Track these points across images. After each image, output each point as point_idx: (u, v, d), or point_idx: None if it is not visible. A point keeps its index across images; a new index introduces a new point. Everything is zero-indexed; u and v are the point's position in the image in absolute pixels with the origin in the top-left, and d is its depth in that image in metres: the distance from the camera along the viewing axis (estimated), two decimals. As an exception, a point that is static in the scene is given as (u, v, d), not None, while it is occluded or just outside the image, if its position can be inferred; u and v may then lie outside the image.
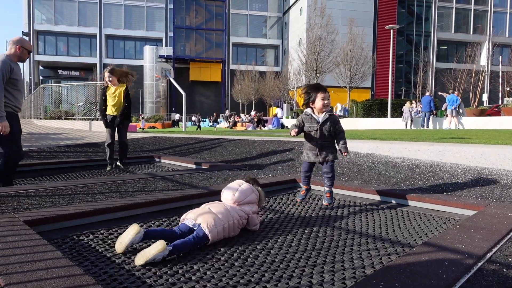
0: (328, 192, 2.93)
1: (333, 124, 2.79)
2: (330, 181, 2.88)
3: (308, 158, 2.86)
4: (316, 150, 2.79)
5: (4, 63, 3.76)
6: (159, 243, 1.81)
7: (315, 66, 29.56)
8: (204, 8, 47.47)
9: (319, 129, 2.75)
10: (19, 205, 2.79)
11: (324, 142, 2.79)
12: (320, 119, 2.77)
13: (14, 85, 3.92)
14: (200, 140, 8.45)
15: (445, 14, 46.98)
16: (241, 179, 2.63)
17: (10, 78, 3.84)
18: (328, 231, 2.44)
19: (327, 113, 2.78)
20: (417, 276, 1.52)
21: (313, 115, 2.80)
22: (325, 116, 2.77)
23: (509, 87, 25.38)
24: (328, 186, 2.91)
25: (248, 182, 2.59)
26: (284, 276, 1.71)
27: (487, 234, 2.09)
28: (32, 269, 1.54)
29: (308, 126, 2.79)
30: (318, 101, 2.75)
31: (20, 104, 4.07)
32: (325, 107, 2.74)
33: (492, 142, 5.79)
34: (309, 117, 2.81)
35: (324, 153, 2.79)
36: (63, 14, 46.76)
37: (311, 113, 2.81)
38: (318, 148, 2.79)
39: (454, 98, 14.76)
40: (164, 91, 46.50)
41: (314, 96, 2.80)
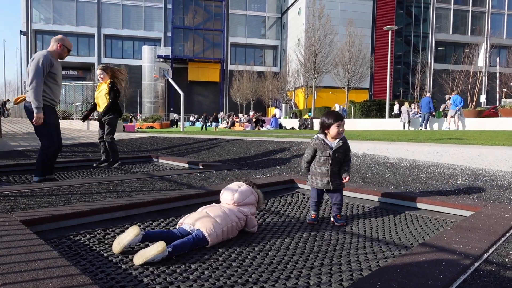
0: (338, 214, 2.75)
1: (344, 151, 2.74)
2: (340, 210, 2.75)
3: (319, 184, 2.74)
4: (328, 177, 2.70)
5: (46, 58, 4.08)
6: (159, 244, 1.81)
7: (314, 67, 29.60)
8: (202, 8, 47.48)
9: (331, 155, 2.68)
10: (16, 204, 2.78)
11: (335, 169, 2.72)
12: (333, 145, 2.70)
13: (53, 79, 4.20)
14: (198, 140, 8.44)
15: (443, 15, 47.14)
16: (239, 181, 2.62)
17: (50, 72, 4.13)
18: (326, 232, 2.44)
19: (340, 140, 2.72)
20: (414, 277, 1.53)
21: (326, 140, 2.73)
22: (339, 143, 2.71)
23: (506, 88, 25.48)
24: (336, 213, 2.75)
25: (248, 184, 2.58)
26: (282, 277, 1.71)
27: (484, 235, 2.10)
28: (29, 269, 1.53)
29: (320, 152, 2.73)
30: (333, 129, 2.70)
31: (57, 98, 4.35)
32: (339, 134, 2.70)
33: (489, 143, 5.81)
34: (321, 142, 2.73)
35: (334, 181, 2.71)
36: (61, 13, 46.68)
37: (323, 138, 2.74)
38: (330, 174, 2.69)
39: (459, 99, 14.75)
40: (162, 91, 46.50)
41: (331, 123, 2.73)
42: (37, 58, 4.06)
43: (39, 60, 4.03)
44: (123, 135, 9.82)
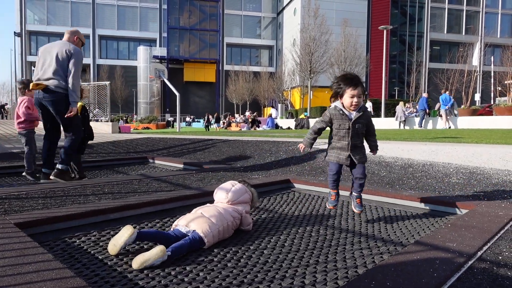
0: (359, 198, 2.57)
1: (366, 121, 2.47)
2: (362, 187, 2.54)
3: (338, 159, 2.47)
4: (348, 151, 2.44)
5: (81, 53, 4.37)
6: (158, 249, 1.80)
7: (309, 67, 29.66)
8: (198, 9, 47.40)
9: (351, 127, 2.40)
10: (10, 207, 2.76)
11: (357, 142, 2.46)
12: (352, 116, 2.41)
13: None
14: (194, 140, 8.43)
15: (437, 15, 47.39)
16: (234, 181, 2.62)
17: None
18: (321, 231, 2.45)
19: (360, 109, 2.43)
20: (409, 275, 1.53)
21: (345, 110, 2.42)
22: (359, 113, 2.42)
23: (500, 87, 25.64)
24: (358, 192, 2.56)
25: (241, 183, 2.58)
26: (277, 276, 1.71)
27: (478, 233, 2.11)
28: (22, 271, 1.52)
29: (338, 124, 2.43)
30: (346, 98, 2.39)
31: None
32: (353, 106, 2.39)
33: (483, 142, 5.84)
34: (340, 112, 2.42)
35: (356, 155, 2.45)
36: (56, 14, 46.42)
37: (342, 108, 2.43)
38: (350, 149, 2.44)
39: (448, 97, 14.78)
40: (158, 91, 46.35)
41: (343, 90, 2.42)
42: (80, 53, 4.33)
43: (82, 56, 4.36)
44: (119, 136, 9.79)
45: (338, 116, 2.43)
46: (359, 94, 2.37)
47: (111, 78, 42.21)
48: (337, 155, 2.48)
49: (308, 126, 21.24)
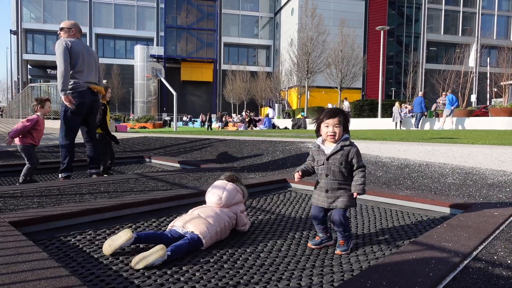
0: (342, 239, 2.13)
1: (345, 157, 2.09)
2: (342, 235, 2.12)
3: (316, 200, 2.18)
4: (324, 191, 2.13)
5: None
6: (159, 248, 1.78)
7: (307, 67, 29.70)
8: (195, 8, 47.31)
9: (325, 163, 2.11)
10: (4, 205, 2.74)
11: (333, 181, 2.10)
12: (328, 151, 2.12)
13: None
14: (191, 140, 8.42)
15: (434, 16, 47.58)
16: (223, 179, 2.54)
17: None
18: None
19: (340, 142, 2.11)
20: (404, 275, 1.54)
21: (322, 146, 2.17)
22: (336, 147, 2.10)
23: (496, 88, 25.79)
24: (341, 238, 2.14)
25: (232, 182, 2.51)
26: (273, 278, 1.70)
27: (474, 233, 2.12)
28: (17, 270, 1.51)
29: (316, 161, 2.18)
30: (323, 129, 2.15)
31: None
32: (329, 137, 2.12)
33: (479, 142, 5.87)
34: (317, 148, 2.19)
35: (332, 197, 2.10)
36: (52, 12, 46.17)
37: (319, 143, 2.19)
38: (325, 189, 2.12)
39: (455, 98, 14.75)
40: (155, 91, 46.27)
41: (320, 121, 2.19)
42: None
43: None
44: (115, 135, 9.73)
45: (316, 152, 2.19)
46: (334, 123, 2.09)
47: (108, 77, 42.08)
48: (316, 195, 2.18)
49: (305, 126, 21.26)
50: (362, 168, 2.10)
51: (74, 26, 4.44)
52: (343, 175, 2.10)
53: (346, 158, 2.09)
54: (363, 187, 2.07)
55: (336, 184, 2.10)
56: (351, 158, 2.09)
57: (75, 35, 4.40)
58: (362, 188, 2.06)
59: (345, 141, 2.11)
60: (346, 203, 2.09)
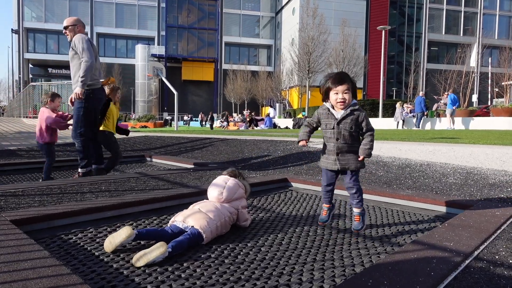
0: (358, 214, 2.25)
1: (355, 121, 2.16)
2: (357, 199, 2.22)
3: (326, 164, 2.23)
4: (334, 155, 2.19)
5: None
6: (160, 245, 1.78)
7: (308, 66, 29.68)
8: (196, 7, 47.29)
9: (335, 127, 2.17)
10: (6, 204, 2.74)
11: (343, 145, 2.17)
12: (338, 115, 2.18)
13: None
14: (192, 139, 8.42)
15: (435, 16, 47.50)
16: (225, 174, 2.55)
17: None
18: (318, 230, 2.45)
19: (349, 107, 2.18)
20: (406, 274, 1.54)
21: (331, 110, 2.21)
22: (346, 111, 2.17)
23: (498, 88, 25.75)
24: (355, 206, 2.26)
25: (234, 177, 2.52)
26: (274, 273, 1.71)
27: (475, 232, 2.12)
28: (18, 268, 1.51)
29: (325, 124, 2.22)
30: (332, 96, 2.19)
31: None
32: (339, 104, 2.16)
33: (481, 142, 5.86)
34: (326, 111, 2.22)
35: (343, 160, 2.17)
36: (54, 11, 46.20)
37: (329, 107, 2.22)
38: (336, 152, 2.19)
39: (456, 98, 14.71)
40: (156, 90, 46.27)
41: (328, 88, 2.22)
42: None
43: None
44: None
45: (325, 115, 2.23)
46: (343, 90, 2.15)
47: (109, 76, 42.04)
48: (325, 159, 2.24)
49: (306, 125, 21.22)
50: (371, 132, 2.20)
51: (78, 22, 4.43)
52: (353, 138, 2.19)
53: (356, 122, 2.17)
54: (370, 151, 2.16)
55: (347, 147, 2.18)
56: (361, 121, 2.18)
57: (81, 31, 4.38)
58: (369, 152, 2.16)
59: (354, 106, 2.18)
60: (357, 164, 2.19)
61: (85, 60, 4.12)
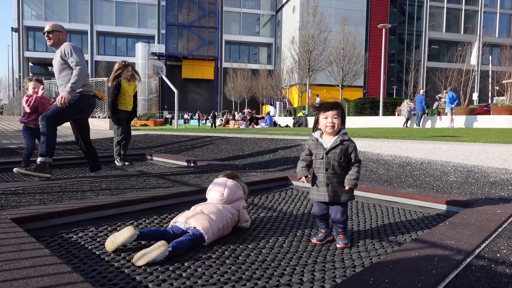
0: (341, 234, 2.17)
1: (345, 152, 2.09)
2: (342, 230, 2.15)
3: (316, 196, 2.16)
4: (324, 186, 2.12)
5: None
6: (160, 244, 1.78)
7: (308, 65, 29.63)
8: (196, 5, 47.23)
9: (324, 157, 2.10)
10: (6, 202, 2.74)
11: (333, 175, 2.10)
12: (328, 145, 2.10)
13: None
14: (192, 137, 8.42)
15: (436, 14, 47.40)
16: (223, 176, 2.56)
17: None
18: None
19: (339, 137, 2.11)
20: (407, 272, 1.53)
21: (320, 139, 2.15)
22: (336, 141, 2.10)
23: (498, 86, 25.74)
24: (339, 233, 2.17)
25: (232, 178, 2.53)
26: (275, 274, 1.70)
27: (476, 231, 2.12)
28: (19, 267, 1.51)
29: (314, 154, 2.16)
30: (322, 121, 2.14)
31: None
32: (329, 128, 2.10)
33: (481, 140, 5.85)
34: (315, 142, 2.16)
35: (332, 192, 2.10)
36: (54, 10, 46.15)
37: (317, 136, 2.16)
38: (325, 183, 2.11)
39: (455, 96, 14.65)
40: (156, 88, 46.25)
41: (318, 114, 2.17)
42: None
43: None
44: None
45: (314, 146, 2.16)
46: (333, 115, 2.10)
47: (109, 75, 42.03)
48: (315, 191, 2.16)
49: (306, 124, 21.24)
50: (358, 163, 2.13)
51: (64, 29, 4.26)
52: (343, 168, 2.12)
53: (345, 152, 2.11)
54: (356, 182, 2.09)
55: (337, 178, 2.11)
56: (350, 152, 2.12)
57: (65, 40, 4.23)
58: (355, 183, 2.09)
59: (344, 135, 2.13)
60: (348, 197, 2.13)
61: (79, 68, 3.97)
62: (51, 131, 3.97)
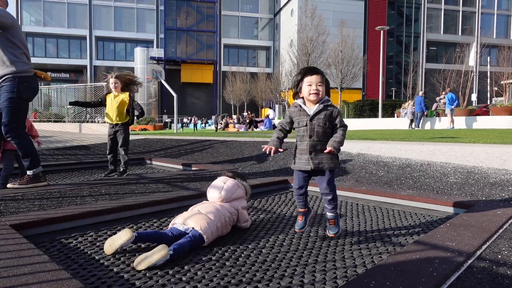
0: (332, 218, 2.13)
1: (329, 117, 2.04)
2: (331, 203, 2.11)
3: (298, 165, 2.08)
4: (307, 154, 2.04)
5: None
6: (161, 248, 1.77)
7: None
8: (195, 10, 47.35)
9: (308, 123, 2.03)
10: (5, 209, 2.73)
11: (317, 143, 2.03)
12: (311, 111, 2.05)
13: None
14: (192, 141, 8.41)
15: (434, 16, 47.56)
16: (224, 175, 2.57)
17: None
18: (319, 231, 2.44)
19: (322, 103, 2.05)
20: (408, 274, 1.53)
21: (303, 106, 2.08)
22: (319, 106, 2.04)
23: (497, 87, 25.80)
24: (329, 210, 2.13)
25: (232, 177, 2.54)
26: (276, 275, 1.69)
27: (477, 232, 2.11)
28: (18, 273, 1.50)
29: (297, 122, 2.09)
30: (305, 88, 2.05)
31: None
32: (313, 95, 2.02)
33: (481, 141, 5.85)
34: (298, 109, 2.09)
35: (316, 159, 2.03)
36: (52, 15, 46.25)
37: (300, 103, 2.09)
38: (309, 151, 2.04)
39: (454, 97, 14.64)
40: (155, 93, 46.24)
41: (300, 80, 2.09)
42: None
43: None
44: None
45: (297, 113, 2.09)
46: (317, 81, 2.02)
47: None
48: (298, 160, 2.08)
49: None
50: (343, 127, 2.08)
51: None
52: (327, 135, 2.06)
53: (330, 118, 2.05)
54: (339, 146, 2.02)
55: (321, 145, 2.04)
56: (335, 117, 2.06)
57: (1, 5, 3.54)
58: (338, 147, 2.02)
59: (327, 101, 2.07)
60: (332, 164, 2.06)
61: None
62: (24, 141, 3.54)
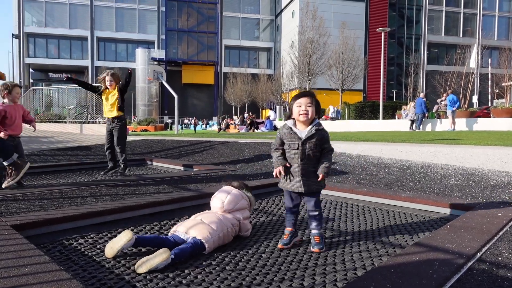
0: (317, 235, 2.14)
1: (320, 141, 2.09)
2: (317, 219, 2.15)
3: (290, 186, 2.13)
4: (299, 176, 2.09)
5: None
6: (163, 252, 1.77)
7: (308, 69, 29.68)
8: (196, 11, 47.45)
9: (300, 147, 2.07)
10: (6, 209, 2.74)
11: (308, 165, 2.09)
12: (303, 135, 2.08)
13: None
14: (192, 142, 8.42)
15: (435, 17, 47.58)
16: (229, 185, 2.55)
17: None
18: (320, 233, 2.43)
19: (313, 127, 2.10)
20: (408, 276, 1.53)
21: (294, 128, 2.11)
22: (311, 131, 2.08)
23: (498, 89, 25.77)
24: (315, 227, 2.16)
25: (238, 188, 2.52)
26: (276, 279, 1.70)
27: (477, 234, 2.11)
28: (19, 274, 1.50)
29: (288, 144, 2.12)
30: (295, 110, 2.12)
31: None
32: (302, 116, 2.08)
33: (481, 143, 5.85)
34: (289, 131, 2.12)
35: (307, 182, 2.09)
36: (54, 16, 46.38)
37: (291, 125, 2.13)
38: (301, 174, 2.09)
39: (455, 98, 14.60)
40: (156, 94, 46.32)
41: (291, 104, 2.16)
42: None
43: None
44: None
45: (287, 135, 2.12)
46: (307, 102, 2.08)
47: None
48: (289, 181, 2.13)
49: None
50: (331, 152, 2.16)
51: None
52: (317, 158, 2.13)
53: (320, 143, 2.11)
54: (328, 170, 2.11)
55: (312, 167, 2.11)
56: (325, 141, 2.13)
57: None
58: (328, 171, 2.11)
59: (319, 125, 2.12)
60: (320, 186, 2.15)
61: None
62: None
